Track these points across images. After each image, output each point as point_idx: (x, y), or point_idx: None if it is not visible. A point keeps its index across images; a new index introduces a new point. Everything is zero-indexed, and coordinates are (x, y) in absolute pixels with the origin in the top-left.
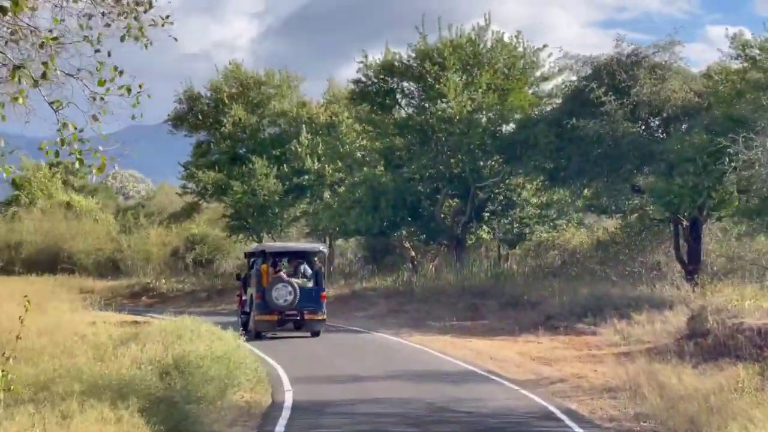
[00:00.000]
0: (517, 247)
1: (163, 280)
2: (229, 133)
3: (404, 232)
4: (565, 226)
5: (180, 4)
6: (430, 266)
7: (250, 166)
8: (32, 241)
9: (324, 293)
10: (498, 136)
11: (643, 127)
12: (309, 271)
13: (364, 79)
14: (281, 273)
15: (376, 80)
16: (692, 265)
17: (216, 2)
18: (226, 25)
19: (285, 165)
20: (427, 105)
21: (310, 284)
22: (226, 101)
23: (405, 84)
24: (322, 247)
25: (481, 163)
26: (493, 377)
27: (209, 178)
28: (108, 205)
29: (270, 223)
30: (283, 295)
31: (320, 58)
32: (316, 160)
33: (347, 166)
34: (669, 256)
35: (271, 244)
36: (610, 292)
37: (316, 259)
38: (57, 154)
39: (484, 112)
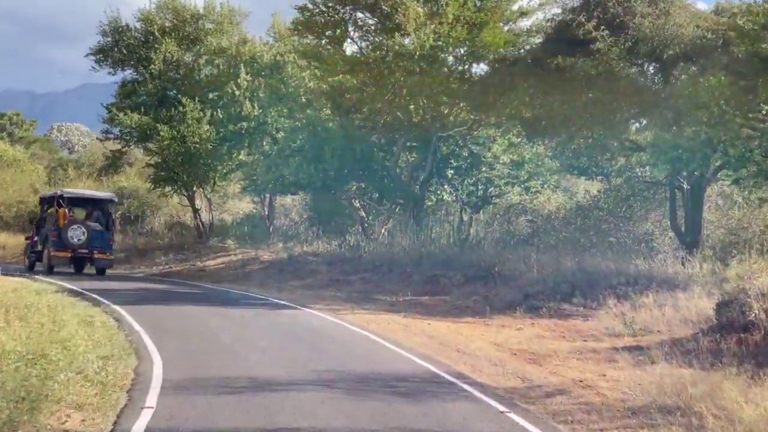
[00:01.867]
0: (481, 212)
1: None
2: (159, 71)
3: (353, 188)
4: (539, 188)
5: None
6: (383, 230)
7: (180, 109)
8: None
9: (112, 237)
10: (466, 78)
11: (642, 69)
12: (101, 217)
13: (310, 5)
14: (75, 216)
15: (324, 8)
16: (690, 237)
17: None
18: None
19: (221, 110)
20: (383, 39)
21: (101, 228)
22: (158, 35)
23: (358, 14)
24: (113, 197)
25: (446, 110)
26: (464, 385)
27: (132, 120)
28: (43, 157)
29: (201, 176)
30: (77, 235)
31: None
32: (256, 105)
33: (288, 110)
34: (660, 227)
35: (68, 189)
36: (599, 267)
37: (108, 206)
38: None
39: (450, 49)
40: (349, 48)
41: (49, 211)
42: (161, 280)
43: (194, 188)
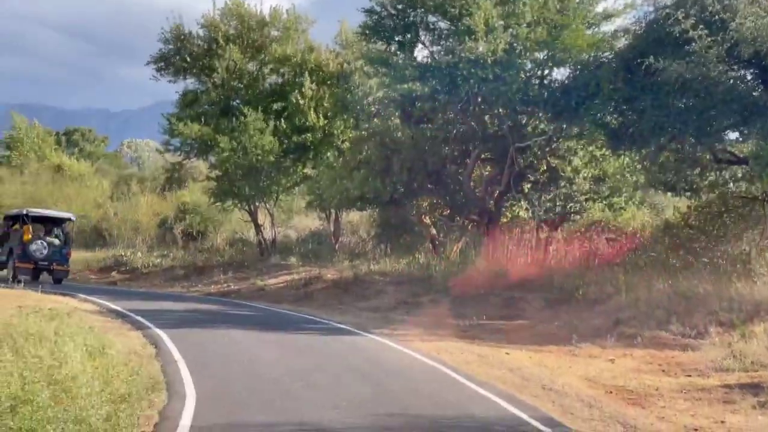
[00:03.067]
0: (559, 229)
1: (139, 254)
2: (222, 80)
3: (424, 203)
4: (623, 205)
5: None
6: (455, 248)
7: (242, 119)
8: (12, 206)
9: (69, 251)
10: (546, 84)
11: (742, 73)
12: (60, 234)
13: (378, 8)
14: (38, 233)
15: (393, 11)
16: None
17: None
18: None
19: (284, 121)
20: (454, 43)
21: (59, 243)
22: (221, 42)
23: (430, 17)
24: (71, 216)
25: (523, 120)
26: None
27: (192, 131)
28: (109, 172)
29: (263, 190)
30: (39, 249)
31: None
32: (321, 116)
33: (354, 119)
34: (758, 246)
35: (32, 209)
36: (696, 290)
37: (66, 224)
38: None
39: (527, 54)
40: (420, 53)
41: (14, 227)
42: (216, 300)
43: (256, 203)
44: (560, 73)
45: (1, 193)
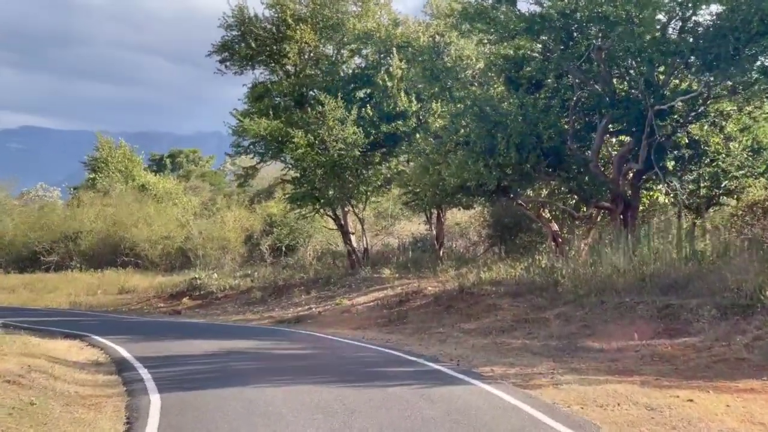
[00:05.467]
0: (707, 215)
1: (215, 276)
2: (295, 67)
3: (542, 192)
4: None
5: None
6: (582, 245)
7: (319, 108)
8: (93, 230)
9: None
10: (691, 28)
11: None
12: None
13: None
14: None
15: None
16: None
17: None
18: None
19: (370, 108)
20: None
21: None
22: (291, 23)
23: None
24: None
25: (662, 76)
26: None
27: (260, 127)
28: (203, 189)
29: (349, 191)
30: None
31: None
32: (413, 99)
33: (448, 91)
34: None
35: None
36: None
37: None
38: None
39: None
40: (526, 2)
41: None
42: (281, 333)
43: (343, 207)
44: (709, 12)
45: (82, 218)
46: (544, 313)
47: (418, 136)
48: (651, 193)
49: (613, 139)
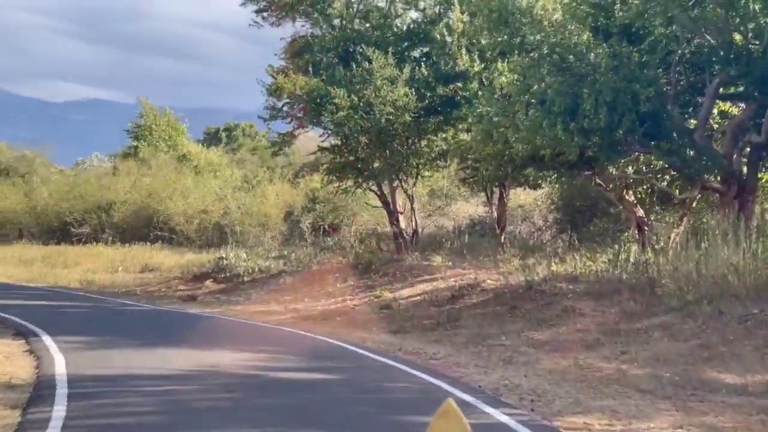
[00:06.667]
0: None
1: (243, 256)
2: (341, 20)
3: (628, 167)
4: None
5: None
6: (673, 235)
7: (366, 66)
8: (127, 201)
9: None
10: None
11: None
12: None
13: None
14: None
15: None
16: None
17: None
18: None
19: (425, 67)
20: None
21: None
22: None
23: None
24: None
25: None
26: None
27: (296, 85)
28: (251, 163)
29: (397, 163)
30: None
31: None
32: (476, 57)
33: (520, 36)
34: None
35: None
36: None
37: None
38: None
39: None
40: None
41: None
42: (291, 340)
43: (391, 182)
44: None
45: (117, 187)
46: (640, 323)
47: (480, 93)
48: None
49: (727, 104)
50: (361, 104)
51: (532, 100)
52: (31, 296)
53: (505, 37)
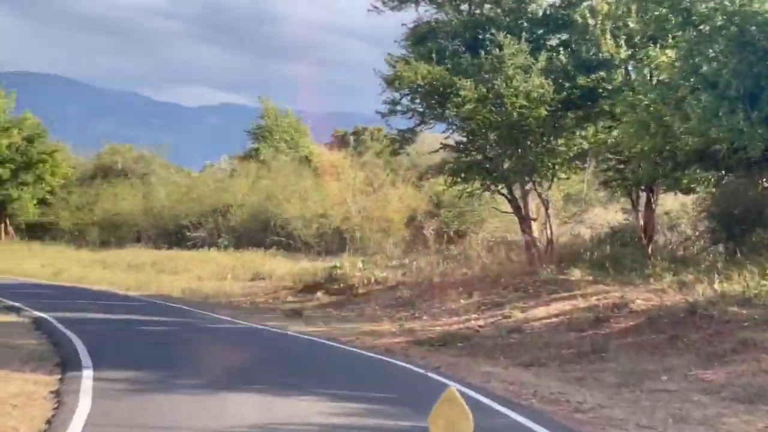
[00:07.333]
0: None
1: (359, 266)
2: (469, 5)
3: None
4: None
5: None
6: None
7: (495, 53)
8: (244, 204)
9: None
10: None
11: None
12: None
13: None
14: None
15: None
16: None
17: None
18: None
19: (564, 54)
20: None
21: None
22: None
23: None
24: None
25: None
26: None
27: (418, 74)
28: (376, 165)
29: (531, 163)
30: None
31: None
32: (623, 43)
33: (681, 9)
34: None
35: None
36: None
37: None
38: None
39: None
40: None
41: None
42: (394, 377)
43: (523, 184)
44: None
45: (235, 190)
46: None
47: (634, 77)
48: None
49: None
50: (490, 96)
51: (699, 86)
52: (119, 308)
53: (664, 10)
